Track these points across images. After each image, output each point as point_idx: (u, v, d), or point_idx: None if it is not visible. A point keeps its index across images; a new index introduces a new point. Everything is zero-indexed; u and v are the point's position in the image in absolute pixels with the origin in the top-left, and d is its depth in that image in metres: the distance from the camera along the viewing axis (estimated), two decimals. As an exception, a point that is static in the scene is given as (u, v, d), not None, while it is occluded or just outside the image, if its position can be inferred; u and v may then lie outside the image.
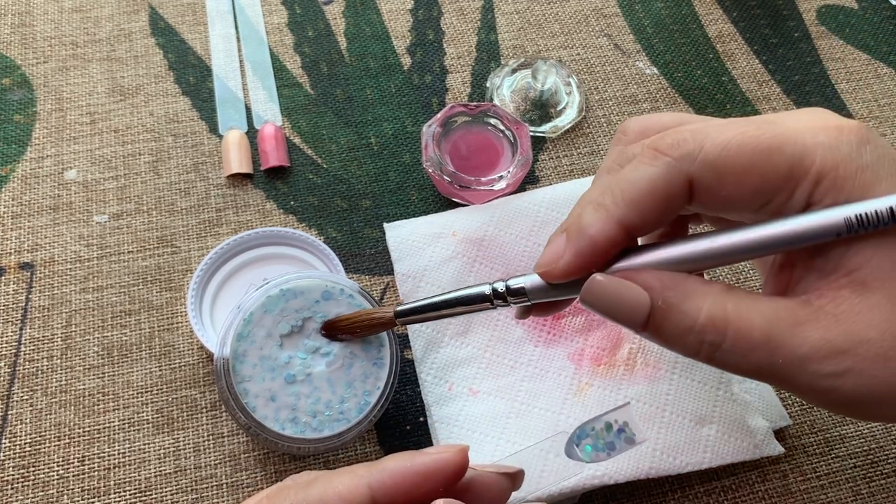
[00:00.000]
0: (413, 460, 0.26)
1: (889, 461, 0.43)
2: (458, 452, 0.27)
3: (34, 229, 0.48)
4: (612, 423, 0.33)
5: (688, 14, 0.61)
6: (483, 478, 0.28)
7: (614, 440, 0.32)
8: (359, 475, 0.26)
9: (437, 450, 0.27)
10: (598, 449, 0.32)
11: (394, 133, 0.53)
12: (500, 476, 0.28)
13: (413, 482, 0.26)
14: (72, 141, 0.52)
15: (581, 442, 0.32)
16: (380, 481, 0.26)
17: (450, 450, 0.27)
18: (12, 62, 0.55)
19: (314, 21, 0.58)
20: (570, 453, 0.32)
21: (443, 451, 0.27)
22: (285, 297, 0.39)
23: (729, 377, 0.44)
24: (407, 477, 0.26)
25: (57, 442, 0.42)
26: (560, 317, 0.45)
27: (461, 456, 0.27)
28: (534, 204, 0.48)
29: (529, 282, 0.31)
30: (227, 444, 0.42)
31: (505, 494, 0.29)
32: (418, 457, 0.26)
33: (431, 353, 0.44)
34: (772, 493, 0.42)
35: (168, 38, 0.57)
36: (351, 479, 0.26)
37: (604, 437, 0.32)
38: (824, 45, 0.60)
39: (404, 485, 0.26)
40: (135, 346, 0.45)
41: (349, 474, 0.26)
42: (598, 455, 0.32)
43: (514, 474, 0.29)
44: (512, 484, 0.29)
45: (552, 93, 0.54)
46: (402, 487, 0.26)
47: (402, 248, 0.47)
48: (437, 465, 0.26)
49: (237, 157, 0.51)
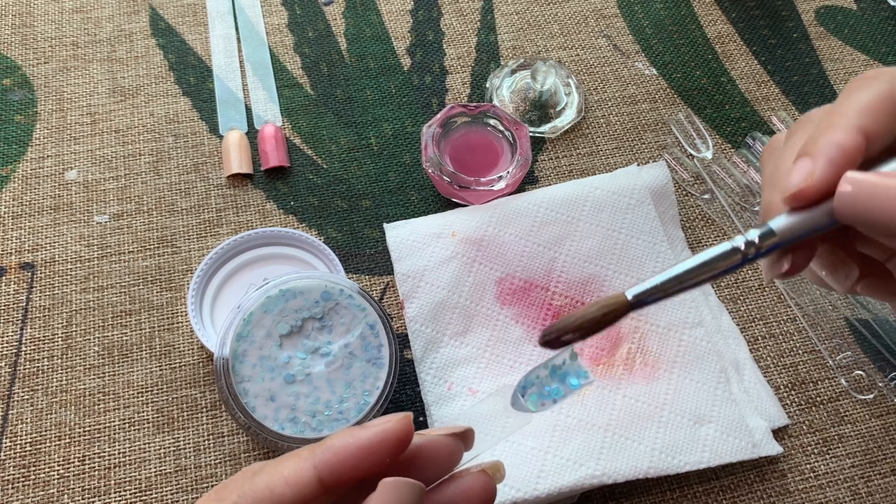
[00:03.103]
0: (356, 435, 0.26)
1: (887, 461, 0.43)
2: (399, 421, 0.26)
3: (35, 229, 0.48)
4: (557, 368, 0.32)
5: (687, 15, 0.61)
6: (431, 442, 0.28)
7: (559, 386, 0.31)
8: (303, 457, 0.26)
9: (380, 421, 0.27)
10: (543, 397, 0.31)
11: (394, 133, 0.54)
12: (448, 438, 0.28)
13: (358, 456, 0.26)
14: (72, 141, 0.52)
15: (526, 392, 0.31)
16: (324, 460, 0.26)
17: (392, 419, 0.26)
18: (13, 63, 0.55)
19: (314, 22, 0.58)
20: (516, 405, 0.31)
21: (385, 421, 0.26)
22: (285, 298, 0.40)
23: (728, 377, 0.44)
24: (351, 452, 0.26)
25: (57, 441, 0.42)
26: (559, 316, 0.45)
27: (402, 424, 0.26)
28: (533, 204, 0.48)
29: (776, 222, 0.28)
30: (226, 444, 0.42)
31: (455, 456, 0.28)
32: (361, 431, 0.26)
33: (431, 352, 0.44)
34: (770, 493, 0.42)
35: (168, 39, 0.57)
36: (296, 462, 0.26)
37: (549, 384, 0.31)
38: (823, 46, 0.60)
39: (349, 460, 0.26)
40: (135, 345, 0.45)
41: (294, 458, 0.26)
42: (544, 403, 0.31)
43: (463, 434, 0.28)
44: (462, 444, 0.28)
45: (551, 93, 0.54)
46: (347, 463, 0.26)
47: (401, 248, 0.47)
48: (380, 437, 0.26)
49: (237, 158, 0.51)
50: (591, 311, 0.30)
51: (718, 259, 0.29)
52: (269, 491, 0.25)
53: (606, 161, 0.53)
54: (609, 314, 0.30)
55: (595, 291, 0.46)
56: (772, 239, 0.28)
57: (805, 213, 0.28)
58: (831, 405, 0.45)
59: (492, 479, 0.28)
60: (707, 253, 0.29)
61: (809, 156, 0.27)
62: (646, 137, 0.54)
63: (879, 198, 0.26)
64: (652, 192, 0.49)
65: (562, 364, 0.32)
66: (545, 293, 0.46)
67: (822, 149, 0.27)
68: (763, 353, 0.46)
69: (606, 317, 0.30)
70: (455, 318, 0.45)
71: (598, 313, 0.30)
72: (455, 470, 0.28)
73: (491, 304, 0.45)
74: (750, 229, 0.29)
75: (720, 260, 0.29)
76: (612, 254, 0.47)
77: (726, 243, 0.29)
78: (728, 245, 0.29)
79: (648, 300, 0.30)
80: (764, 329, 0.47)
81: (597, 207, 0.48)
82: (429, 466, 0.27)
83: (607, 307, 0.30)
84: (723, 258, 0.29)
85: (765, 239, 0.29)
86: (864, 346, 0.47)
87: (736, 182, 0.51)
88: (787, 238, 0.28)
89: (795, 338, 0.47)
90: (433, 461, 0.27)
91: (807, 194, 0.27)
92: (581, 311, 0.30)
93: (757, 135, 0.54)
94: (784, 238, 0.28)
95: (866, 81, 0.28)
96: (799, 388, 0.45)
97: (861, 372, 0.46)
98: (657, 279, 0.30)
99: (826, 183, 0.27)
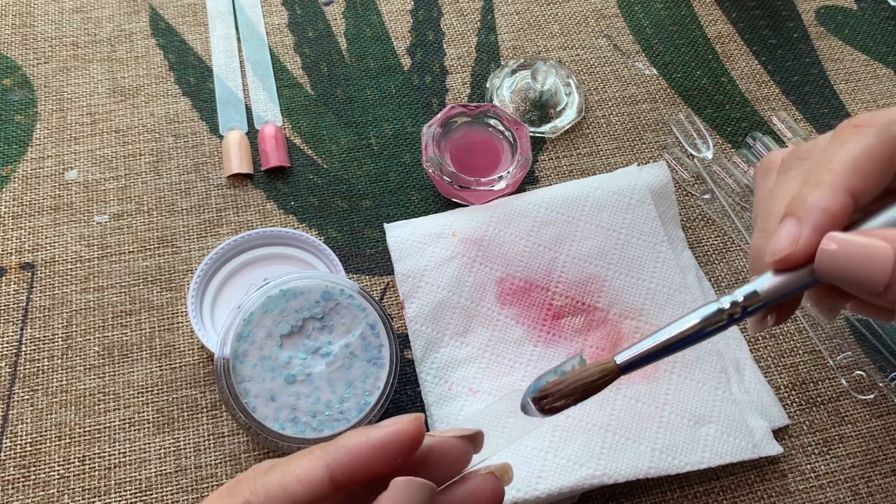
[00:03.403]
0: (368, 435, 0.26)
1: (888, 461, 0.43)
2: (411, 422, 0.26)
3: (35, 229, 0.48)
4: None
5: (687, 15, 0.61)
6: (442, 444, 0.28)
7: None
8: (316, 456, 0.26)
9: (392, 421, 0.27)
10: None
11: (394, 133, 0.54)
12: (458, 440, 0.28)
13: (370, 456, 0.26)
14: (73, 141, 0.52)
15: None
16: (336, 459, 0.26)
17: (404, 420, 0.27)
18: (13, 63, 0.55)
19: (314, 22, 0.58)
20: (525, 409, 0.31)
21: (397, 422, 0.27)
22: (285, 298, 0.40)
23: (728, 377, 0.44)
24: (363, 452, 0.26)
25: (58, 441, 0.42)
26: (560, 317, 0.45)
27: (415, 425, 0.26)
28: (533, 204, 0.48)
29: (760, 283, 0.29)
30: (227, 444, 0.42)
31: (465, 458, 0.28)
32: (373, 431, 0.26)
33: (431, 353, 0.44)
34: (770, 493, 0.42)
35: (169, 39, 0.57)
36: (308, 460, 0.26)
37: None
38: (823, 46, 0.60)
39: (361, 460, 0.26)
40: (135, 346, 0.45)
41: (307, 456, 0.26)
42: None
43: (473, 436, 0.29)
44: (472, 446, 0.29)
45: (552, 93, 0.54)
46: (359, 463, 0.26)
47: (402, 248, 0.47)
48: (393, 437, 0.26)
49: (237, 158, 0.51)
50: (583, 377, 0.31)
51: (704, 322, 0.30)
52: (281, 489, 0.25)
53: (607, 161, 0.53)
54: (600, 381, 0.31)
55: (595, 291, 0.46)
56: (757, 299, 0.29)
57: (789, 274, 0.29)
58: (832, 405, 0.45)
59: (500, 481, 0.28)
60: (693, 316, 0.30)
61: (796, 218, 0.28)
62: (646, 137, 0.54)
63: (859, 258, 0.26)
64: (652, 192, 0.49)
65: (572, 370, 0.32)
66: (545, 293, 0.46)
67: (809, 213, 0.28)
68: (763, 353, 0.46)
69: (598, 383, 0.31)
70: (455, 319, 0.45)
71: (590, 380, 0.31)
72: (464, 472, 0.28)
73: (491, 304, 0.45)
74: (735, 290, 0.30)
75: (706, 321, 0.30)
76: (613, 254, 0.47)
77: (713, 304, 0.30)
78: (714, 306, 0.30)
79: (637, 364, 0.31)
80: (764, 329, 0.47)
81: (597, 207, 0.48)
82: (439, 467, 0.28)
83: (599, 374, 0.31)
84: (709, 320, 0.30)
85: (750, 299, 0.29)
86: (865, 346, 0.47)
87: (736, 182, 0.51)
88: (772, 298, 0.29)
89: (796, 338, 0.47)
90: (444, 462, 0.28)
91: (792, 260, 0.28)
92: (573, 378, 0.31)
93: (757, 135, 0.54)
94: (768, 298, 0.29)
95: (856, 132, 0.29)
96: (799, 388, 0.45)
97: (861, 372, 0.46)
98: (644, 344, 0.31)
99: (812, 249, 0.28)
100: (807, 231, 0.28)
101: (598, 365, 0.31)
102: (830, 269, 0.27)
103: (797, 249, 0.28)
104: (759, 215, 0.31)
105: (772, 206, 0.30)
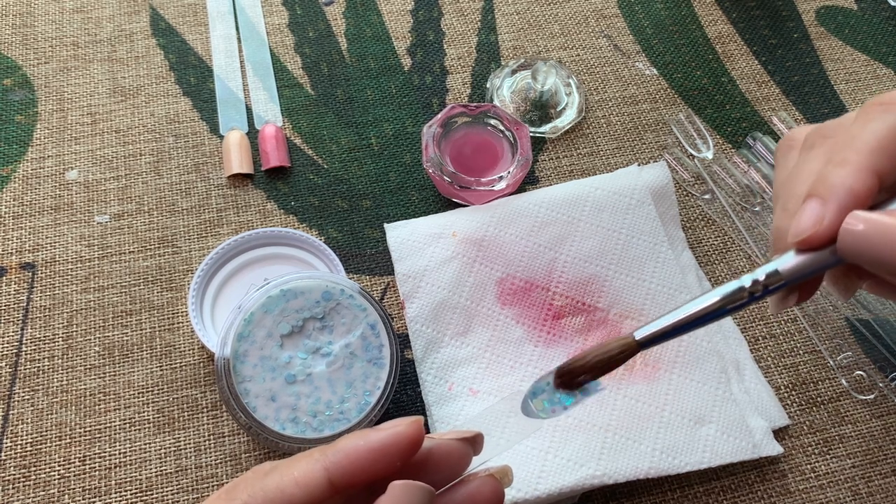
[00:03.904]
0: (367, 437, 0.26)
1: (888, 461, 0.43)
2: (411, 424, 0.26)
3: (35, 229, 0.48)
4: None
5: (687, 15, 0.61)
6: (441, 446, 0.28)
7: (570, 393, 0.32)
8: (314, 458, 0.26)
9: (391, 424, 0.27)
10: (553, 403, 0.31)
11: (394, 134, 0.54)
12: (458, 442, 0.28)
13: (369, 458, 0.26)
14: (73, 141, 0.52)
15: (536, 398, 0.32)
16: (335, 462, 0.26)
17: (403, 423, 0.26)
18: (13, 63, 0.55)
19: (315, 22, 0.58)
20: (526, 411, 0.31)
21: (396, 424, 0.26)
22: (286, 298, 0.40)
23: (728, 377, 0.44)
24: (362, 455, 0.26)
25: (58, 441, 0.42)
26: (560, 317, 0.45)
27: (414, 428, 0.26)
28: (534, 204, 0.48)
29: (781, 262, 0.29)
30: (227, 444, 0.42)
31: (465, 460, 0.28)
32: (372, 434, 0.26)
33: (432, 353, 0.44)
34: (771, 493, 0.42)
35: (169, 39, 0.57)
36: (307, 463, 0.26)
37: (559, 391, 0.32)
38: (823, 46, 0.60)
39: (360, 463, 0.26)
40: (136, 346, 0.45)
41: (305, 459, 0.26)
42: (554, 410, 0.31)
43: (473, 438, 0.28)
44: (472, 449, 0.29)
45: (552, 93, 0.54)
46: (358, 466, 0.26)
47: (402, 248, 0.47)
48: (392, 440, 0.26)
49: (238, 158, 0.51)
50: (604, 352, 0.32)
51: (725, 298, 0.30)
52: (279, 491, 0.25)
53: (607, 161, 0.53)
54: (619, 355, 0.31)
55: (595, 291, 0.46)
56: (778, 278, 0.29)
57: (812, 254, 0.29)
58: (832, 405, 0.45)
59: (500, 484, 0.28)
60: (714, 293, 0.30)
61: (820, 198, 0.28)
62: (646, 137, 0.54)
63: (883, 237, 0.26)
64: (652, 192, 0.49)
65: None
66: (546, 293, 0.46)
67: (834, 193, 0.27)
68: (763, 354, 0.47)
69: (617, 357, 0.32)
70: (456, 319, 0.45)
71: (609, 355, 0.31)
72: (464, 474, 0.28)
73: (491, 304, 0.45)
74: (757, 268, 0.30)
75: (727, 298, 0.30)
76: (613, 254, 0.47)
77: (734, 282, 0.30)
78: (736, 284, 0.30)
79: (656, 340, 0.31)
80: (764, 329, 0.47)
81: (597, 208, 0.48)
82: (439, 470, 0.28)
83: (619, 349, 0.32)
84: (730, 297, 0.30)
85: (771, 278, 0.29)
86: (865, 346, 0.47)
87: (736, 182, 0.51)
88: (793, 278, 0.29)
89: (796, 338, 0.47)
90: (443, 465, 0.28)
91: (815, 241, 0.28)
92: (594, 352, 0.31)
93: (757, 135, 0.54)
94: (790, 278, 0.29)
95: (883, 110, 0.28)
96: (799, 389, 0.45)
97: (862, 372, 0.46)
98: (665, 320, 0.31)
99: (835, 229, 0.27)
100: (831, 212, 0.27)
101: (617, 340, 0.31)
102: (854, 249, 0.27)
103: (820, 230, 0.27)
104: (782, 194, 0.31)
105: (795, 184, 0.30)
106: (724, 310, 0.30)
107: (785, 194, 0.30)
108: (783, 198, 0.30)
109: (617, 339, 0.31)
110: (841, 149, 0.28)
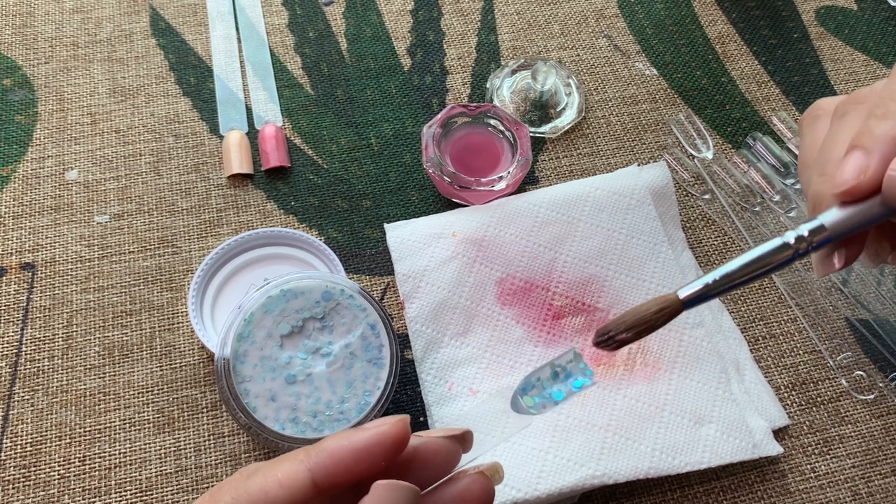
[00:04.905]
0: (351, 438, 0.26)
1: (888, 461, 0.43)
2: (395, 424, 0.26)
3: (35, 230, 0.48)
4: (559, 371, 0.32)
5: (687, 15, 0.61)
6: (428, 445, 0.27)
7: (561, 388, 0.31)
8: (298, 459, 0.26)
9: (376, 424, 0.26)
10: (544, 399, 0.31)
11: (394, 134, 0.54)
12: (445, 440, 0.28)
13: (353, 459, 0.25)
14: (73, 141, 0.52)
15: (527, 394, 0.31)
16: (318, 463, 0.25)
17: (388, 422, 0.26)
18: (13, 63, 0.55)
19: (315, 22, 0.58)
20: (516, 407, 0.31)
21: (381, 424, 0.26)
22: (286, 298, 0.40)
23: (728, 377, 0.44)
24: (346, 455, 0.26)
25: (58, 442, 0.42)
26: (560, 317, 0.45)
27: (399, 427, 0.26)
28: (534, 204, 0.48)
29: (825, 217, 0.28)
30: (227, 444, 0.42)
31: (453, 458, 0.28)
32: (357, 433, 0.26)
33: (431, 353, 0.44)
34: (771, 493, 0.42)
35: (169, 39, 0.57)
36: (290, 464, 0.26)
37: (550, 386, 0.31)
38: (823, 46, 0.60)
39: (344, 463, 0.25)
40: (136, 346, 0.45)
41: (289, 460, 0.26)
42: (545, 405, 0.31)
43: (462, 436, 0.28)
44: (461, 446, 0.28)
45: (552, 94, 0.54)
46: (342, 466, 0.25)
47: (402, 248, 0.47)
48: (376, 440, 0.26)
49: (238, 158, 0.51)
50: (645, 310, 0.30)
51: (769, 255, 0.29)
52: (262, 493, 0.25)
53: (607, 161, 0.53)
54: (663, 314, 0.30)
55: (595, 292, 0.46)
56: (823, 234, 0.28)
57: (856, 207, 0.28)
58: (832, 405, 0.45)
59: (490, 481, 0.28)
60: (758, 249, 0.29)
61: (863, 149, 0.27)
62: (646, 138, 0.54)
63: None
64: (652, 192, 0.49)
65: (565, 365, 0.32)
66: (546, 293, 0.46)
67: (877, 143, 0.27)
68: (763, 354, 0.47)
69: (660, 316, 0.30)
70: (456, 319, 0.45)
71: (651, 312, 0.30)
72: (454, 472, 0.28)
73: (491, 304, 0.45)
74: (800, 224, 0.29)
75: (771, 256, 0.29)
76: (613, 254, 0.47)
77: (777, 239, 0.29)
78: (779, 240, 0.29)
79: (700, 299, 0.30)
80: (764, 329, 0.47)
81: (597, 208, 0.48)
82: (426, 468, 0.27)
83: (661, 307, 0.30)
84: (774, 254, 0.29)
85: (815, 234, 0.28)
86: (865, 346, 0.47)
87: (736, 182, 0.51)
88: (839, 232, 0.28)
89: (796, 338, 0.47)
90: (431, 463, 0.27)
91: (860, 190, 0.27)
92: (634, 311, 0.30)
93: (757, 135, 0.54)
94: (835, 233, 0.28)
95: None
96: (799, 389, 0.45)
97: (861, 372, 0.46)
98: (708, 277, 0.30)
99: (879, 179, 0.27)
100: (875, 161, 0.27)
101: (661, 299, 0.30)
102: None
103: (865, 179, 0.27)
104: (818, 160, 0.30)
105: (832, 149, 0.29)
106: (769, 267, 0.29)
107: (822, 159, 0.30)
108: (820, 163, 0.30)
109: (660, 298, 0.30)
110: (882, 103, 0.28)
